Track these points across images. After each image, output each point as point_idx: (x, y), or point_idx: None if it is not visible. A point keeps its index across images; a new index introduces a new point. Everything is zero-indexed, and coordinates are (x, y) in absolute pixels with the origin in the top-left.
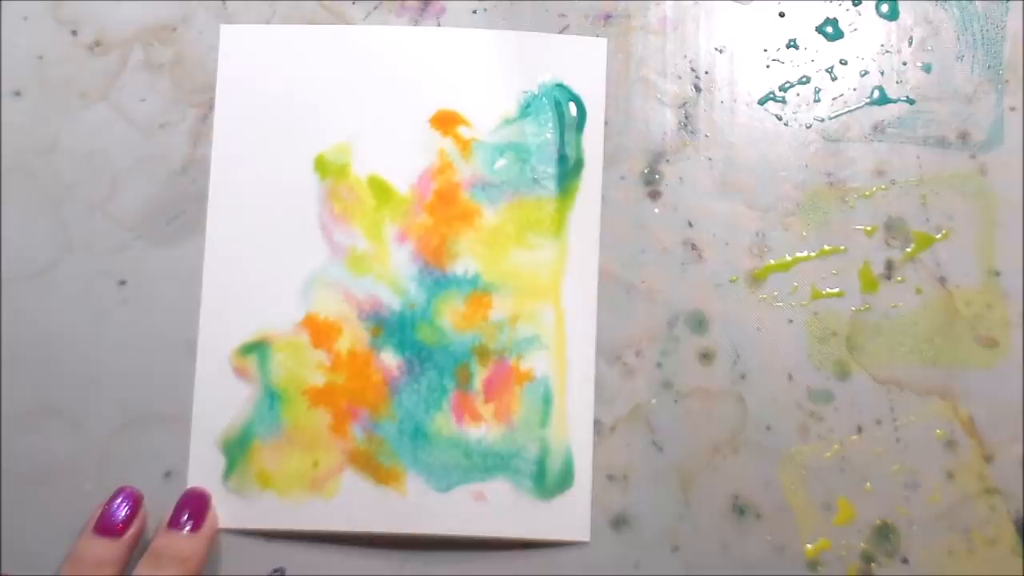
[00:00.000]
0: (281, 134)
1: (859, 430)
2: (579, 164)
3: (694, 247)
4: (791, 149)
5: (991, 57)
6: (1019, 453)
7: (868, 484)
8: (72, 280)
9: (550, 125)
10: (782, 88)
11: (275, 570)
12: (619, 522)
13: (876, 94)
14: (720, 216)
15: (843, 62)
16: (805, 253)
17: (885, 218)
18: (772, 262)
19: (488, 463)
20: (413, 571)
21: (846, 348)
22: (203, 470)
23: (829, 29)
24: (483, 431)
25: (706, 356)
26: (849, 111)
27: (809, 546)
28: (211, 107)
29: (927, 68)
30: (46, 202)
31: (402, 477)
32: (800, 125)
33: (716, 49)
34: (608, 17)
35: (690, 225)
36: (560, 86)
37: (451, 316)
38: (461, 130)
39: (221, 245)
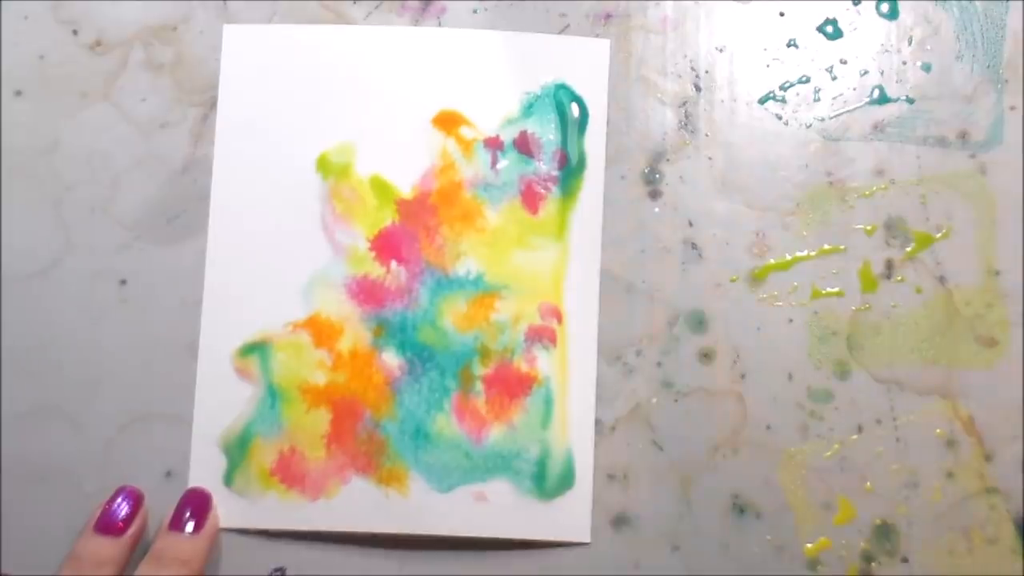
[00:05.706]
0: (283, 134)
1: (859, 430)
2: (581, 165)
3: (694, 247)
4: (791, 149)
5: (991, 57)
6: (1019, 453)
7: (868, 484)
8: (72, 280)
9: (552, 126)
10: (782, 87)
11: (275, 570)
12: (619, 522)
13: (876, 94)
14: (720, 216)
15: (843, 62)
16: (805, 253)
17: (885, 218)
18: (772, 262)
19: (489, 464)
20: (414, 571)
21: (846, 348)
22: (204, 470)
23: (829, 29)
24: (485, 432)
25: (706, 356)
26: (849, 111)
27: (809, 546)
28: (212, 107)
29: (927, 68)
30: (46, 202)
31: (404, 477)
32: (800, 124)
33: (716, 48)
34: (608, 17)
35: (690, 225)
36: (562, 87)
37: (453, 317)
38: (463, 130)
39: (223, 245)
